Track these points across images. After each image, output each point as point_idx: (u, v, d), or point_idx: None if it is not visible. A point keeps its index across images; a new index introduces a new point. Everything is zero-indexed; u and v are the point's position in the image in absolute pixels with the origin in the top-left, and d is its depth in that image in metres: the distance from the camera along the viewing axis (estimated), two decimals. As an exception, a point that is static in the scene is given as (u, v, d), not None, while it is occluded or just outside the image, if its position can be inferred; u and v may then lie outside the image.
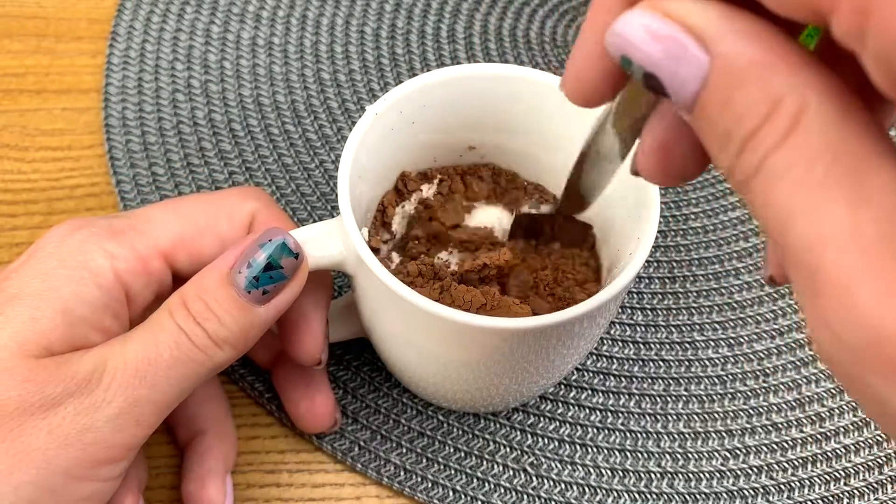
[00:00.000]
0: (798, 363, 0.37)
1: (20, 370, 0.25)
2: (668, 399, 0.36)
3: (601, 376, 0.37)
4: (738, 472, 0.35)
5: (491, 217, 0.35)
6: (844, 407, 0.36)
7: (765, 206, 0.14)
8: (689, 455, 0.35)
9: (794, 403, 0.36)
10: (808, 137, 0.13)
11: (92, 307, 0.26)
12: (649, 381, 0.37)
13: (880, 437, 0.36)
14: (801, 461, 0.35)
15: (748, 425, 0.36)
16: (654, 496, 0.34)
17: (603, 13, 0.17)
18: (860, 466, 0.35)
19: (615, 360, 0.37)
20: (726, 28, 0.14)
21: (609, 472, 0.35)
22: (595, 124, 0.22)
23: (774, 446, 0.35)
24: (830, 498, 0.34)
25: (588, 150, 0.24)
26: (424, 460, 0.34)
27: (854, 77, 0.14)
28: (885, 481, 0.35)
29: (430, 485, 0.34)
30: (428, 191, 0.35)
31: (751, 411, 0.36)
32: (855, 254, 0.13)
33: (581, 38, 0.17)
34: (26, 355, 0.25)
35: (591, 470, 0.35)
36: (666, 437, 0.35)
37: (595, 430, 0.35)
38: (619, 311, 0.38)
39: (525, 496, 0.34)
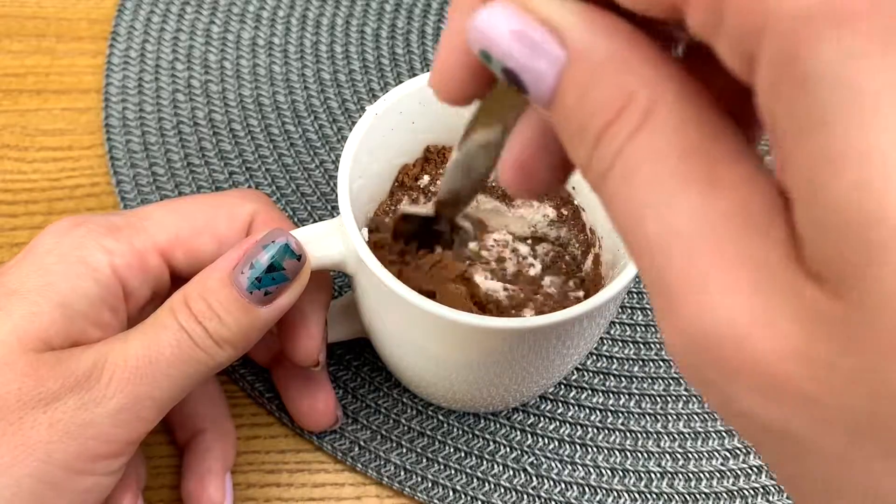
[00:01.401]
0: (798, 363, 0.37)
1: (20, 364, 0.25)
2: (669, 399, 0.36)
3: (601, 376, 0.37)
4: (738, 472, 0.35)
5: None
6: (844, 407, 0.36)
7: (617, 203, 0.14)
8: (690, 455, 0.35)
9: (793, 403, 0.36)
10: (660, 132, 0.13)
11: (90, 302, 0.27)
12: (649, 381, 0.37)
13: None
14: (800, 461, 0.35)
15: (748, 425, 0.36)
16: (654, 496, 0.34)
17: (465, 7, 0.16)
18: (860, 466, 0.35)
19: (615, 360, 0.37)
20: (583, 24, 0.14)
21: (609, 471, 0.35)
22: (464, 131, 0.22)
23: (774, 446, 0.35)
24: (830, 498, 0.34)
25: (459, 156, 0.23)
26: (424, 460, 0.34)
27: (718, 89, 0.14)
28: (884, 481, 0.35)
29: (430, 484, 0.34)
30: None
31: (750, 411, 0.36)
32: (703, 243, 0.13)
33: (445, 32, 0.17)
34: (26, 349, 0.25)
35: (591, 470, 0.35)
36: (666, 437, 0.35)
37: (595, 430, 0.35)
38: (619, 311, 0.38)
39: (525, 496, 0.34)
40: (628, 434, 0.35)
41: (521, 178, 0.18)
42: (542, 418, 0.36)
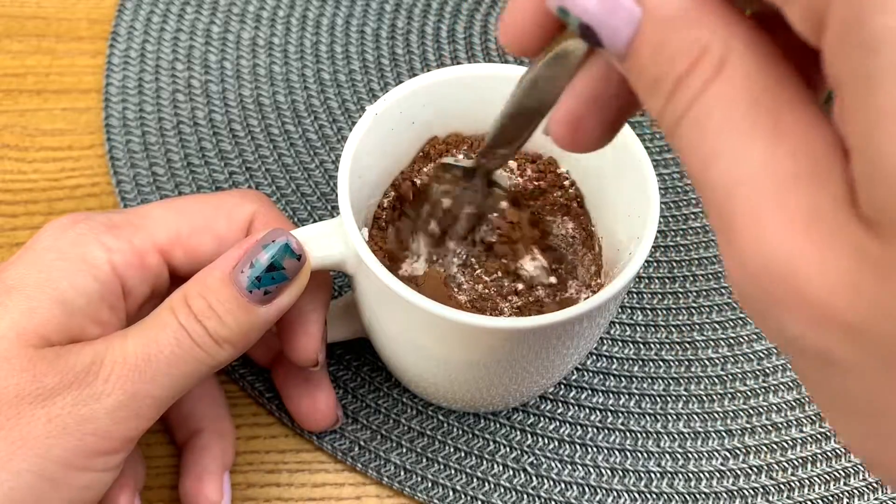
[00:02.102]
0: (798, 363, 0.37)
1: (19, 359, 0.25)
2: (668, 399, 0.36)
3: (601, 376, 0.37)
4: (738, 472, 0.35)
5: None
6: (844, 407, 0.36)
7: (689, 149, 0.15)
8: (689, 455, 0.35)
9: (793, 403, 0.37)
10: (732, 82, 0.14)
11: (89, 299, 0.27)
12: (649, 380, 0.37)
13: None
14: (800, 461, 0.35)
15: (748, 425, 0.36)
16: (654, 496, 0.34)
17: None
18: (860, 466, 0.35)
19: (615, 360, 0.37)
20: None
21: (609, 471, 0.35)
22: (519, 83, 0.23)
23: (774, 446, 0.35)
24: (830, 497, 0.34)
25: (512, 105, 0.25)
26: (424, 460, 0.34)
27: (781, 48, 0.15)
28: (884, 481, 0.35)
29: (430, 484, 0.34)
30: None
31: (750, 411, 0.36)
32: (766, 188, 0.14)
33: None
34: (25, 345, 0.25)
35: (591, 470, 0.35)
36: (666, 437, 0.35)
37: (595, 430, 0.35)
38: (619, 311, 0.38)
39: (525, 496, 0.34)
40: (628, 434, 0.35)
41: (570, 130, 0.19)
42: (542, 418, 0.36)
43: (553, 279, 0.33)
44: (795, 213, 0.13)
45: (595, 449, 0.35)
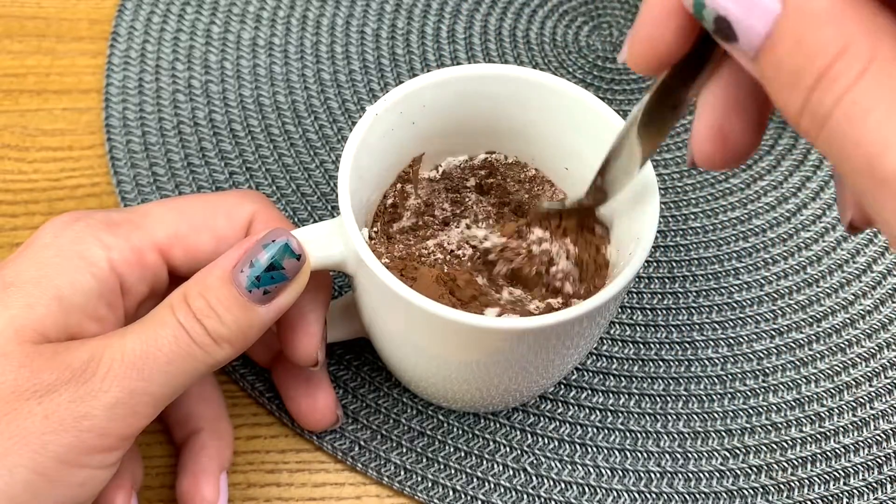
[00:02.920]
0: (797, 363, 0.38)
1: (16, 355, 0.25)
2: (668, 399, 0.36)
3: (601, 376, 0.37)
4: (738, 472, 0.35)
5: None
6: (844, 407, 0.37)
7: (848, 143, 0.15)
8: (689, 455, 0.35)
9: (793, 403, 0.37)
10: (889, 67, 0.14)
11: (87, 296, 0.27)
12: (649, 380, 0.37)
13: (879, 436, 0.36)
14: (800, 461, 0.35)
15: (748, 425, 0.36)
16: (654, 496, 0.34)
17: None
18: (859, 466, 0.35)
19: (615, 360, 0.37)
20: None
21: (609, 471, 0.35)
22: (625, 125, 0.23)
23: (774, 446, 0.35)
24: (830, 497, 0.34)
25: (616, 148, 0.25)
26: (424, 460, 0.34)
27: None
28: (884, 481, 0.35)
29: (430, 484, 0.34)
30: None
31: (750, 411, 0.36)
32: None
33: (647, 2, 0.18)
34: (22, 341, 0.25)
35: (591, 470, 0.35)
36: (666, 436, 0.35)
37: (595, 430, 0.35)
38: (619, 311, 0.38)
39: (525, 496, 0.34)
40: (628, 434, 0.35)
41: (719, 143, 0.19)
42: (541, 418, 0.36)
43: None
44: None
45: (595, 449, 0.35)
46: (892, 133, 0.14)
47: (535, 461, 0.35)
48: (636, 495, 0.34)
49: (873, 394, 0.37)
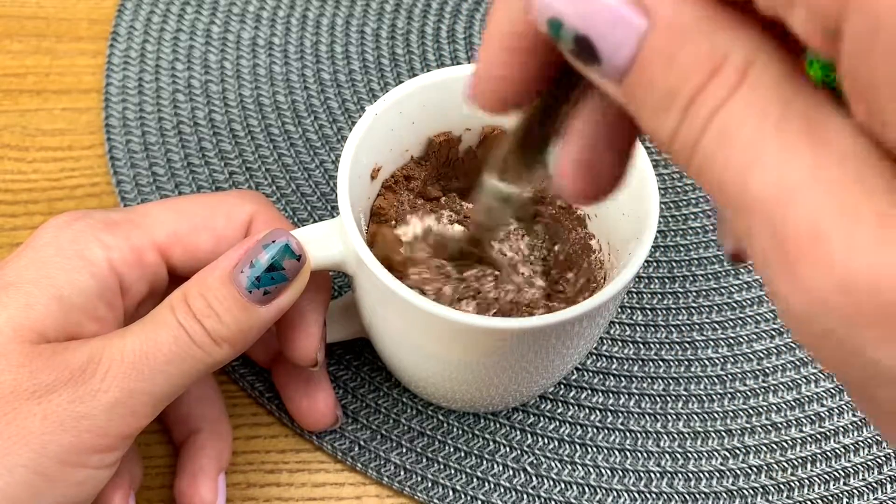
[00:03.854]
0: (798, 363, 0.38)
1: (15, 355, 0.25)
2: (668, 399, 0.36)
3: (601, 376, 0.37)
4: (738, 472, 0.35)
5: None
6: (844, 406, 0.37)
7: (717, 165, 0.14)
8: (689, 455, 0.35)
9: (793, 403, 0.37)
10: (759, 89, 0.13)
11: (86, 295, 0.27)
12: (649, 380, 0.37)
13: (879, 436, 0.36)
14: (800, 461, 0.35)
15: (748, 425, 0.36)
16: (654, 496, 0.34)
17: None
18: (859, 466, 0.35)
19: (615, 360, 0.37)
20: None
21: (609, 471, 0.35)
22: (491, 164, 0.21)
23: (774, 446, 0.35)
24: (830, 497, 0.34)
25: (483, 194, 0.22)
26: (424, 460, 0.34)
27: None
28: (884, 481, 0.35)
29: (430, 484, 0.34)
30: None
31: (750, 411, 0.36)
32: (822, 195, 0.13)
33: (488, 30, 0.16)
34: (22, 341, 0.25)
35: (591, 469, 0.35)
36: (666, 436, 0.35)
37: (595, 430, 0.35)
38: (619, 311, 0.38)
39: (525, 495, 0.34)
40: (628, 434, 0.35)
41: (587, 179, 0.17)
42: (541, 418, 0.36)
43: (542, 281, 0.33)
44: (860, 222, 0.12)
45: (595, 449, 0.35)
46: (759, 152, 0.13)
47: (535, 461, 0.35)
48: (636, 495, 0.34)
49: (873, 394, 0.37)
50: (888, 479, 0.35)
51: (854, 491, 0.35)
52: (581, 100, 0.17)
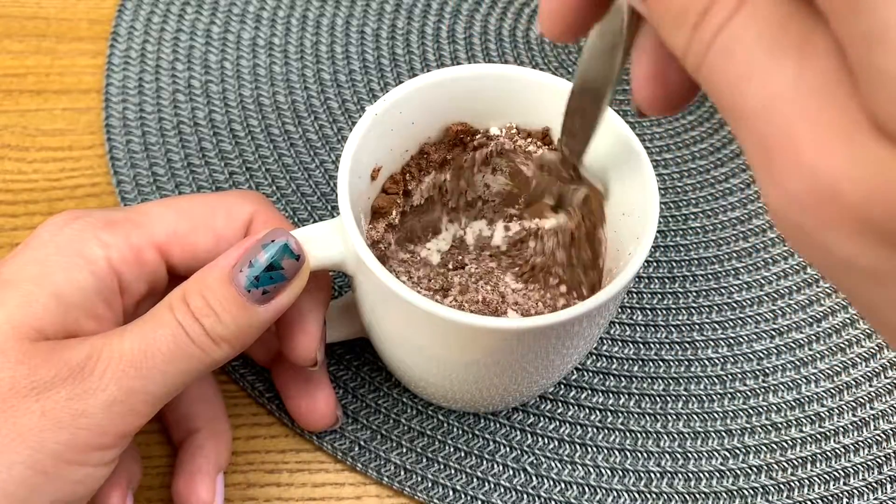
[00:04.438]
0: (797, 363, 0.38)
1: (13, 352, 0.25)
2: (668, 399, 0.36)
3: (601, 376, 0.37)
4: (738, 472, 0.35)
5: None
6: (844, 407, 0.37)
7: (720, 76, 0.15)
8: (689, 455, 0.35)
9: (793, 403, 0.37)
10: (758, 10, 0.15)
11: (85, 293, 0.27)
12: (649, 380, 0.37)
13: (879, 436, 0.36)
14: (800, 461, 0.35)
15: (748, 425, 0.36)
16: (654, 496, 0.34)
17: None
18: (859, 466, 0.35)
19: (615, 360, 0.37)
20: None
21: (609, 471, 0.35)
22: (580, 63, 0.23)
23: (774, 446, 0.35)
24: (830, 497, 0.34)
25: (576, 89, 0.25)
26: (424, 460, 0.34)
27: None
28: (884, 481, 0.35)
29: (430, 484, 0.34)
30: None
31: (750, 411, 0.36)
32: (800, 104, 0.14)
33: None
34: (20, 338, 0.25)
35: (591, 469, 0.35)
36: (665, 436, 0.35)
37: (595, 430, 0.35)
38: (619, 311, 0.38)
39: (525, 495, 0.34)
40: (628, 434, 0.35)
41: (660, 87, 0.19)
42: (541, 418, 0.36)
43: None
44: (832, 130, 0.14)
45: (595, 449, 0.35)
46: (752, 66, 0.15)
47: (535, 461, 0.35)
48: (636, 495, 0.34)
49: (873, 394, 0.37)
50: (888, 479, 0.35)
51: (854, 491, 0.35)
52: (643, 22, 0.19)
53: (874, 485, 0.35)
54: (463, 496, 0.34)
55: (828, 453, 0.35)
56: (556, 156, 0.30)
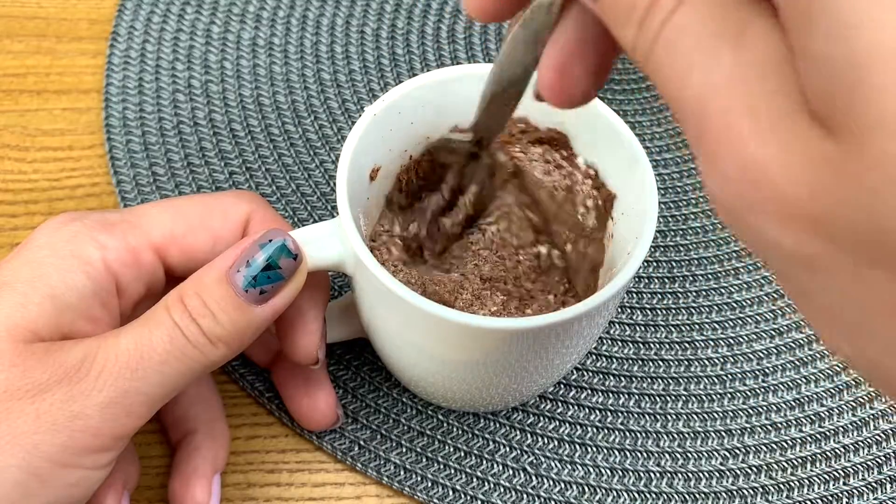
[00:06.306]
0: (797, 363, 0.38)
1: (8, 354, 0.25)
2: (668, 399, 0.36)
3: (601, 376, 0.37)
4: (738, 472, 0.35)
5: None
6: (844, 406, 0.36)
7: (664, 70, 0.16)
8: (689, 454, 0.35)
9: (793, 403, 0.36)
10: (700, 3, 0.15)
11: (80, 295, 0.27)
12: (649, 380, 0.37)
13: (879, 436, 0.36)
14: (800, 461, 0.35)
15: (747, 425, 0.36)
16: (654, 495, 0.34)
17: None
18: (859, 466, 0.35)
19: (615, 360, 0.37)
20: None
21: (609, 471, 0.35)
22: (502, 51, 0.24)
23: (774, 446, 0.35)
24: (830, 497, 0.34)
25: (496, 76, 0.25)
26: (424, 459, 0.34)
27: None
28: (884, 481, 0.35)
29: (429, 484, 0.34)
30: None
31: (750, 411, 0.36)
32: (735, 95, 0.14)
33: None
34: (15, 340, 0.25)
35: (591, 469, 0.35)
36: (665, 436, 0.35)
37: (595, 430, 0.35)
38: (619, 311, 0.38)
39: (525, 495, 0.34)
40: (628, 434, 0.35)
41: (558, 79, 0.19)
42: (541, 418, 0.36)
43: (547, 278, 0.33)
44: (763, 118, 0.14)
45: (595, 448, 0.35)
46: (694, 59, 0.15)
47: (535, 461, 0.35)
48: (636, 495, 0.34)
49: (873, 394, 0.37)
50: (888, 479, 0.35)
51: (854, 491, 0.35)
52: (562, 16, 0.19)
53: (874, 485, 0.35)
54: (463, 496, 0.34)
55: (828, 453, 0.35)
56: (467, 136, 0.31)
